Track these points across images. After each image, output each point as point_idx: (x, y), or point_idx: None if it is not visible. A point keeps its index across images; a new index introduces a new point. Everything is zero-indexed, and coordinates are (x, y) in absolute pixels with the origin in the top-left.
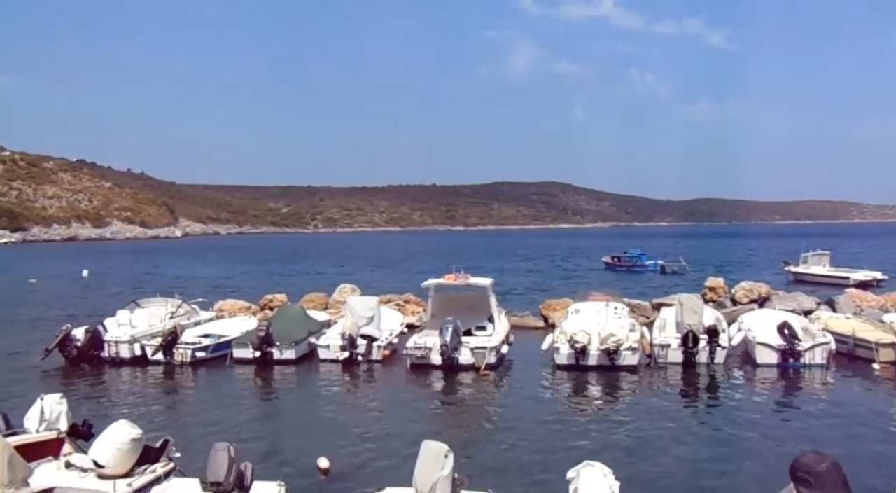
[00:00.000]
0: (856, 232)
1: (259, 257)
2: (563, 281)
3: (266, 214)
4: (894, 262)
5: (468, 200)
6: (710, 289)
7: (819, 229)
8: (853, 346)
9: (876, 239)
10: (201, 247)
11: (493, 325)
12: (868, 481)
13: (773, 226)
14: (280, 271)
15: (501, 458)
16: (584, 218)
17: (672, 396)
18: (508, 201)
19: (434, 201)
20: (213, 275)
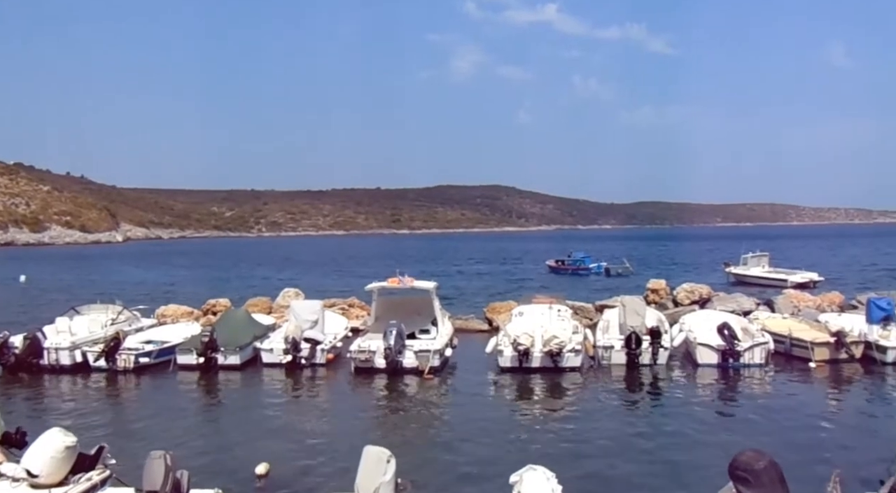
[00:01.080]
0: (794, 234)
1: (202, 262)
2: (508, 284)
3: (209, 218)
4: (830, 263)
5: (413, 203)
6: (653, 291)
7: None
8: (790, 345)
9: (813, 241)
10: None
11: (437, 328)
12: (805, 477)
13: (715, 228)
14: (223, 276)
15: (444, 462)
16: (528, 221)
17: (615, 397)
18: (453, 205)
19: (379, 205)
20: (155, 280)
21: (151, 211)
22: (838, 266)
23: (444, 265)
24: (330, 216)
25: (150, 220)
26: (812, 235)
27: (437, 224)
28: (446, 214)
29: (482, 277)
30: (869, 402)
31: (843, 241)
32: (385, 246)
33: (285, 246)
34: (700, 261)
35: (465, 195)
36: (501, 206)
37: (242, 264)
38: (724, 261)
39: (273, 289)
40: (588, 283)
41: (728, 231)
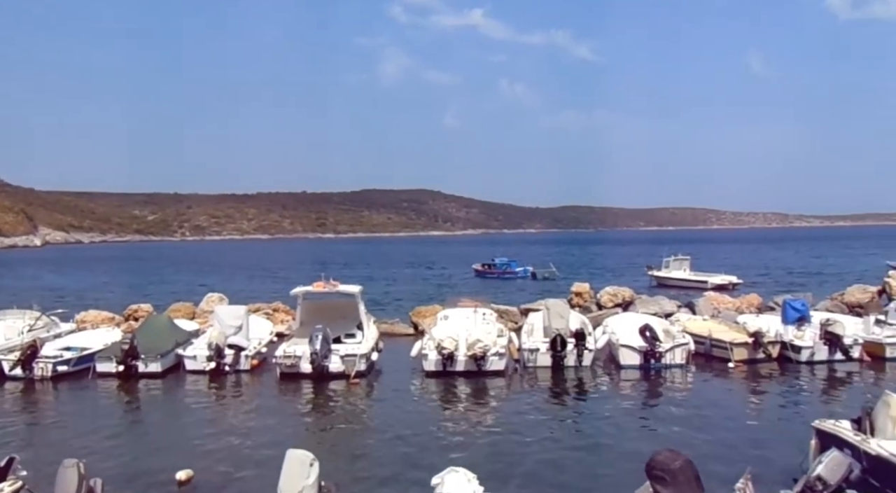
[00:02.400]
0: (714, 238)
1: (124, 266)
2: (434, 288)
3: (131, 221)
4: (749, 266)
5: (338, 207)
6: (577, 294)
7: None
8: (710, 346)
9: (732, 245)
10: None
11: (363, 332)
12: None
13: (638, 232)
14: (146, 281)
15: (369, 465)
16: (454, 225)
17: (540, 399)
18: (379, 209)
19: (304, 209)
20: (74, 285)
21: (71, 214)
22: (757, 269)
23: (371, 269)
24: (255, 220)
25: (70, 223)
26: (732, 238)
27: (363, 228)
28: (372, 218)
29: (408, 281)
30: (784, 400)
31: (762, 244)
32: (311, 250)
33: (209, 250)
34: (623, 265)
35: (392, 199)
36: (427, 210)
37: (165, 268)
38: (647, 264)
39: (197, 294)
40: (515, 286)
41: (651, 235)
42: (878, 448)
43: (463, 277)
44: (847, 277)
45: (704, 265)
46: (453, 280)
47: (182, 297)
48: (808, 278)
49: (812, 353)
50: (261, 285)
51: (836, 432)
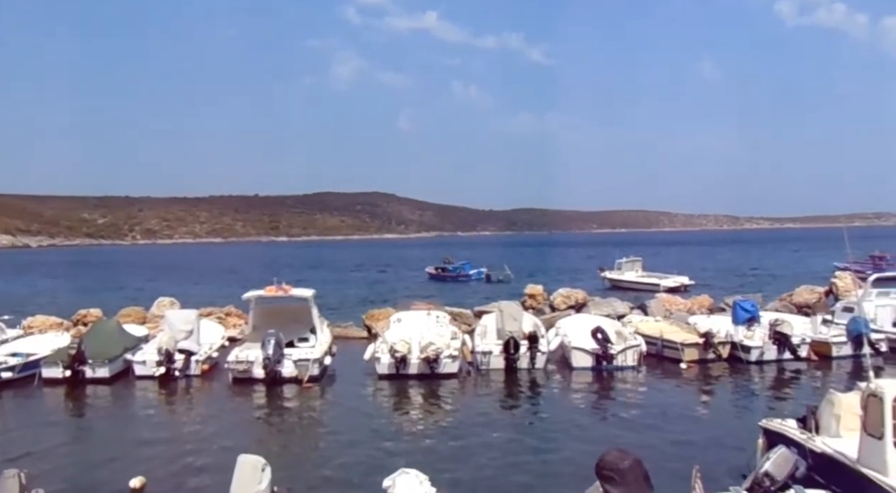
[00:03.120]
0: (666, 240)
1: (73, 271)
2: (388, 291)
3: (81, 225)
4: (701, 268)
5: (291, 210)
6: (530, 296)
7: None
8: (661, 347)
9: (684, 246)
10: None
11: (316, 336)
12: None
13: (591, 234)
14: (95, 285)
15: (321, 469)
16: (407, 228)
17: (492, 401)
18: (332, 212)
19: (257, 212)
20: (21, 290)
21: (18, 218)
22: (708, 270)
23: (324, 273)
24: (207, 224)
25: (17, 227)
26: (684, 240)
27: (317, 231)
28: (325, 221)
29: (362, 284)
30: (734, 400)
31: (713, 246)
32: (264, 254)
33: (161, 254)
34: (577, 267)
35: (345, 202)
36: (381, 213)
37: (116, 272)
38: (600, 266)
39: (147, 298)
40: (469, 289)
41: (604, 237)
42: (823, 446)
43: (417, 280)
44: (797, 278)
45: (657, 267)
46: (407, 283)
47: (132, 301)
48: (758, 279)
49: (761, 353)
50: (213, 290)
51: (782, 430)
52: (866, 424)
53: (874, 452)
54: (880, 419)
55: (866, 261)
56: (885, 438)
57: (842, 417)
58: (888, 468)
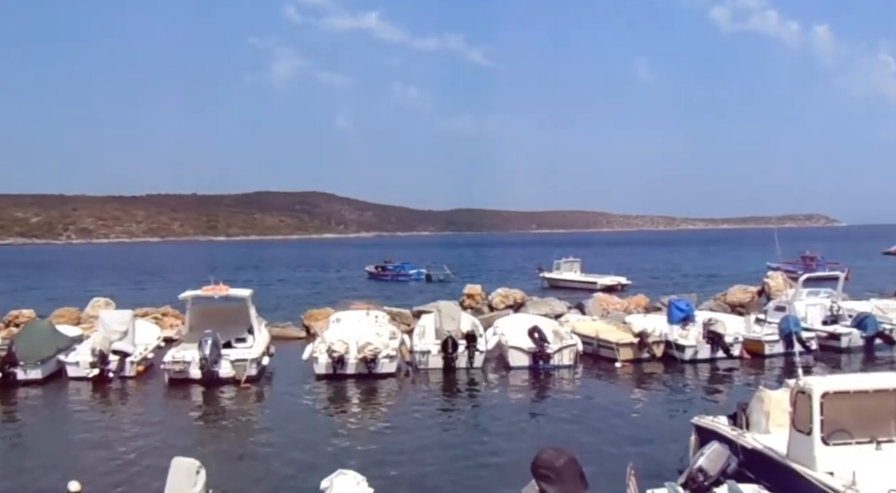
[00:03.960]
0: (605, 240)
1: (4, 271)
2: (327, 291)
3: (13, 224)
4: (638, 267)
5: (230, 209)
6: (469, 296)
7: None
8: (597, 346)
9: (622, 246)
10: None
11: (254, 336)
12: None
13: (530, 235)
14: (28, 285)
15: (257, 471)
16: (347, 228)
17: (430, 401)
18: (271, 211)
19: (194, 211)
20: None
21: None
22: (645, 270)
23: (263, 273)
24: (144, 223)
25: None
26: (621, 240)
27: (256, 231)
28: (264, 220)
29: (301, 284)
30: (668, 398)
31: (650, 246)
32: (202, 253)
33: (96, 254)
34: (516, 267)
35: (284, 202)
36: (320, 212)
37: (50, 272)
38: (538, 266)
39: (82, 299)
40: (409, 289)
41: (543, 237)
42: (753, 442)
43: (357, 279)
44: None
45: (595, 267)
46: (347, 283)
47: (67, 302)
48: (693, 278)
49: (695, 351)
50: (150, 290)
51: (713, 427)
52: (795, 420)
53: (802, 447)
54: (808, 416)
55: (798, 261)
56: (813, 433)
57: (771, 413)
58: (816, 462)
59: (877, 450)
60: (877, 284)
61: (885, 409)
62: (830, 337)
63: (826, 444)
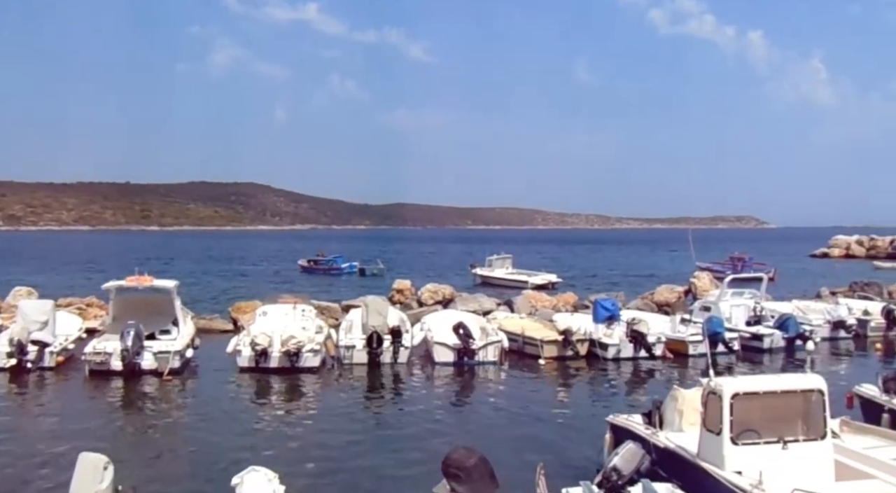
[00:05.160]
0: (540, 238)
1: None
2: (259, 283)
3: None
4: (570, 266)
5: (164, 199)
6: (398, 291)
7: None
8: (523, 344)
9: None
10: None
11: (178, 328)
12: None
13: (465, 230)
14: None
15: (170, 466)
16: (282, 220)
17: (353, 396)
18: (206, 202)
19: (127, 200)
20: None
21: None
22: (577, 268)
23: (194, 264)
24: (75, 211)
25: None
26: (557, 239)
27: (190, 221)
28: (199, 211)
29: (232, 276)
30: (589, 396)
31: (585, 245)
32: (132, 243)
33: (23, 241)
34: (450, 262)
35: (219, 192)
36: (256, 204)
37: None
38: (471, 263)
39: (4, 288)
40: (343, 282)
41: (478, 234)
42: (666, 441)
43: (289, 272)
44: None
45: (529, 264)
46: (278, 276)
47: None
48: (624, 277)
49: (618, 350)
50: (77, 279)
51: (627, 426)
52: (706, 420)
53: (712, 446)
54: (718, 416)
55: (726, 262)
56: (723, 433)
57: (684, 412)
58: (725, 461)
59: (783, 450)
60: (801, 285)
61: (793, 410)
62: (753, 338)
63: (735, 444)
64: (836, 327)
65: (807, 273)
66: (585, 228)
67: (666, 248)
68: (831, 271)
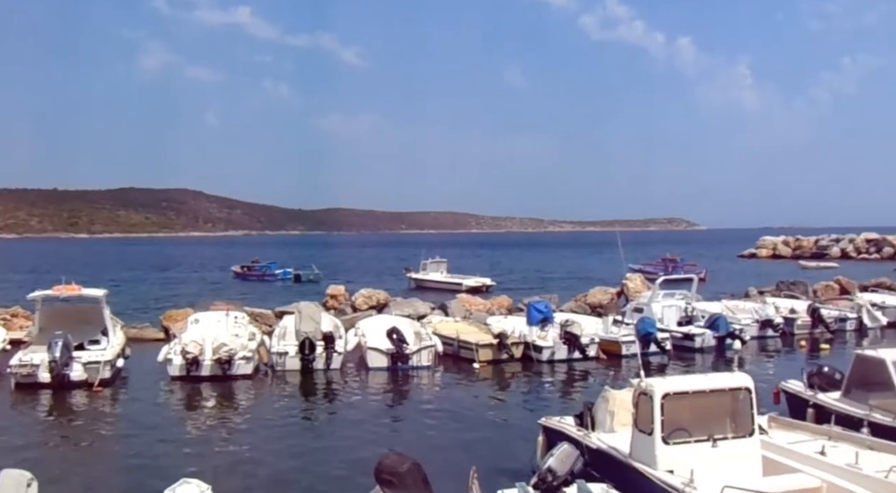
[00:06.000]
0: (475, 242)
1: None
2: (192, 291)
3: None
4: (505, 269)
5: (93, 206)
6: (332, 296)
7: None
8: (458, 347)
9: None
10: None
11: (108, 338)
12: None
13: (400, 235)
14: None
15: (100, 480)
16: (215, 226)
17: (286, 404)
18: (137, 208)
19: (55, 206)
20: None
21: None
22: (511, 272)
23: (125, 272)
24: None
25: None
26: (491, 242)
27: (120, 228)
28: (130, 217)
29: (164, 284)
30: (524, 399)
31: (519, 248)
32: (61, 251)
33: None
34: (385, 267)
35: (151, 198)
36: (188, 210)
37: None
38: (406, 267)
39: None
40: (277, 289)
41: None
42: (599, 442)
43: (223, 279)
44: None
45: (463, 268)
46: (211, 283)
47: None
48: (558, 280)
49: (553, 352)
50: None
51: (560, 428)
52: (637, 420)
53: (644, 446)
54: (650, 416)
55: (658, 263)
56: (654, 433)
57: (616, 413)
58: (657, 461)
59: (713, 448)
60: (730, 285)
61: (722, 408)
62: (685, 337)
63: (666, 443)
64: (763, 326)
65: (736, 273)
66: (519, 232)
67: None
68: (759, 271)
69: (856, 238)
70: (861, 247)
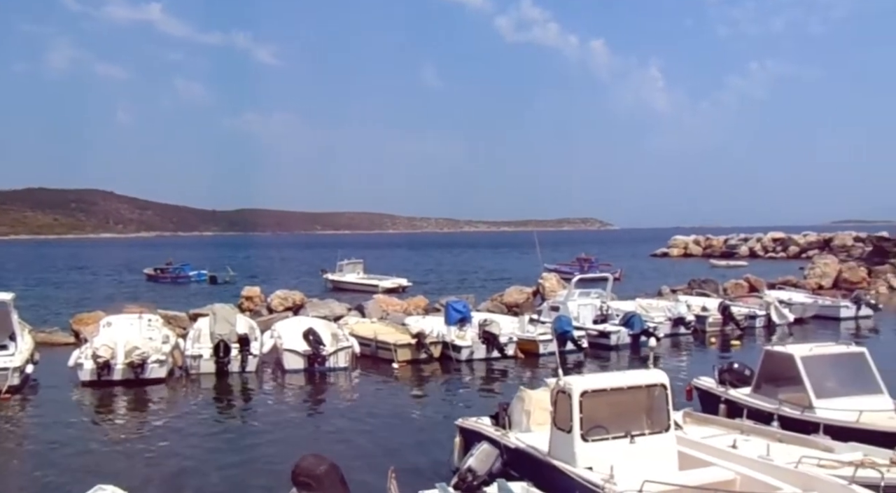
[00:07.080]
0: (391, 242)
1: None
2: (102, 294)
3: None
4: (421, 269)
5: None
6: (247, 298)
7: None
8: (376, 348)
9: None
10: None
11: (16, 343)
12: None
13: (315, 236)
14: None
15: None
16: (126, 228)
17: (201, 407)
18: (44, 209)
19: None
20: None
21: None
22: (428, 272)
23: (31, 275)
24: None
25: None
26: (407, 243)
27: (27, 230)
28: (37, 218)
29: (73, 287)
30: (443, 399)
31: (435, 248)
32: None
33: None
34: (301, 268)
35: (59, 199)
36: (98, 211)
37: None
38: (322, 268)
39: None
40: (189, 291)
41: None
42: (516, 441)
43: (135, 282)
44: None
45: (380, 269)
46: (123, 286)
47: None
48: (475, 280)
49: (471, 352)
50: None
51: (476, 428)
52: (556, 418)
53: (563, 444)
54: (568, 414)
55: (573, 263)
56: (573, 431)
57: (532, 412)
58: (576, 458)
59: (631, 444)
60: (644, 284)
61: (638, 404)
62: (600, 335)
63: (585, 440)
64: (676, 324)
65: (649, 272)
66: (435, 232)
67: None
68: (671, 269)
69: (763, 237)
70: (768, 246)
